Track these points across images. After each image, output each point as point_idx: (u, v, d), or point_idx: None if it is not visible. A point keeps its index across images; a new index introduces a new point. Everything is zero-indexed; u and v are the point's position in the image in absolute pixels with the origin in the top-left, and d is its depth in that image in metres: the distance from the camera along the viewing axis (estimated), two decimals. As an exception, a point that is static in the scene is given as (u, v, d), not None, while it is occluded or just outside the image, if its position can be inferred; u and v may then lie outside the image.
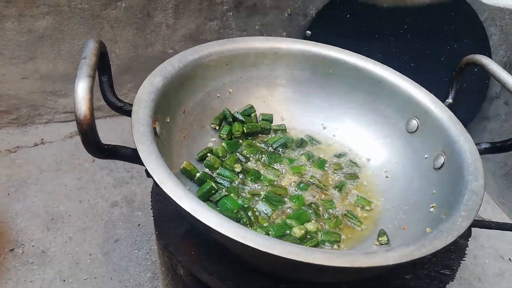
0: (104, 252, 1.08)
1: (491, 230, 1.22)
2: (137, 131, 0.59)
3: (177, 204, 0.50)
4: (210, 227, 0.47)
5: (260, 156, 0.80)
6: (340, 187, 0.76)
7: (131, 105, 0.65)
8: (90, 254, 1.07)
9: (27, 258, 1.05)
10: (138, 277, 1.03)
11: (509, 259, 1.19)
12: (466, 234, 0.64)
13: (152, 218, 0.70)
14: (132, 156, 0.58)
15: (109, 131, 1.45)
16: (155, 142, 0.59)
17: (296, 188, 0.74)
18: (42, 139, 1.40)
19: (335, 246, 0.64)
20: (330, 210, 0.71)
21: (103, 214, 1.17)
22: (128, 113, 0.65)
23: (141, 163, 0.56)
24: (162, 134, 0.68)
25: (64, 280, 1.01)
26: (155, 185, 0.64)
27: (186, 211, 0.50)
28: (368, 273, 0.55)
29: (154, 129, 0.63)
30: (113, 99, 0.66)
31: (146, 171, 0.58)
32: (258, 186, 0.74)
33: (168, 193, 0.51)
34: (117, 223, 1.15)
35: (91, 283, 1.01)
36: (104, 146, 0.54)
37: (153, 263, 1.06)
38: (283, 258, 0.45)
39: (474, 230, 1.25)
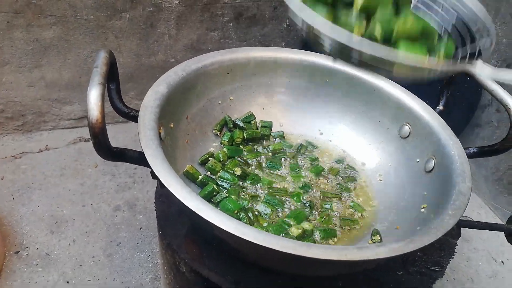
0: (106, 254, 1.11)
1: (485, 233, 1.27)
2: (143, 135, 0.62)
3: (182, 203, 0.54)
4: (214, 224, 0.51)
5: (260, 161, 0.83)
6: (337, 195, 0.79)
7: (137, 111, 0.69)
8: (93, 257, 1.10)
9: (31, 260, 1.08)
10: (140, 279, 1.06)
11: (502, 261, 1.22)
12: (456, 233, 0.68)
13: (154, 221, 0.73)
14: (138, 158, 0.61)
15: (111, 138, 1.48)
16: (160, 146, 0.62)
17: (295, 187, 0.78)
18: (47, 145, 1.43)
19: (331, 242, 0.68)
20: (326, 210, 0.75)
21: (105, 218, 1.20)
22: (134, 118, 0.69)
23: (147, 165, 0.59)
24: (167, 139, 0.72)
25: (67, 282, 1.03)
26: (160, 186, 0.67)
27: (191, 209, 0.53)
28: (361, 267, 0.58)
29: (159, 134, 0.67)
30: (120, 105, 0.70)
31: (152, 173, 0.62)
32: (258, 188, 0.77)
33: (174, 193, 0.54)
34: (120, 226, 1.18)
35: (94, 285, 1.03)
36: (113, 149, 0.57)
37: (154, 265, 1.09)
38: (281, 252, 0.48)
39: (469, 233, 1.29)
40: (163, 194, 0.73)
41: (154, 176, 0.63)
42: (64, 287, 1.02)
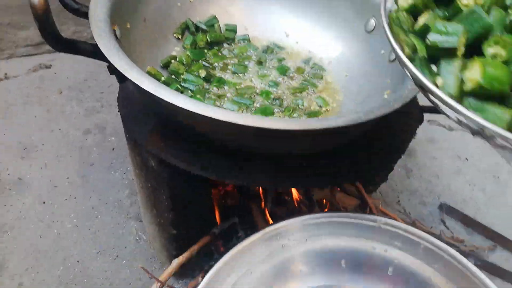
0: (81, 175, 1.10)
1: (451, 134, 1.31)
2: (96, 27, 0.59)
3: (142, 88, 0.52)
4: (176, 105, 0.50)
5: (225, 63, 0.81)
6: (304, 87, 0.79)
7: (87, 7, 0.65)
8: (67, 178, 1.09)
9: (4, 186, 1.06)
10: (116, 195, 1.07)
11: (466, 158, 1.27)
12: (418, 118, 0.69)
13: (125, 140, 0.72)
14: (91, 51, 0.58)
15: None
16: (116, 41, 0.59)
17: (262, 86, 0.77)
18: (6, 74, 1.36)
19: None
20: (294, 105, 0.75)
21: (76, 142, 1.18)
22: (85, 15, 0.65)
23: (101, 58, 0.57)
24: (123, 40, 0.68)
25: (44, 202, 1.04)
26: (119, 81, 0.65)
27: (151, 93, 0.51)
28: (324, 142, 0.59)
29: (114, 31, 0.63)
30: (69, 0, 0.66)
31: (109, 67, 0.60)
32: (224, 90, 0.76)
33: (133, 80, 0.53)
34: (91, 149, 1.17)
35: (71, 203, 1.04)
36: (62, 37, 0.54)
37: (130, 181, 1.10)
38: (245, 126, 0.48)
39: (435, 136, 1.33)
40: (125, 95, 0.71)
41: (111, 70, 0.61)
42: (41, 207, 1.03)
